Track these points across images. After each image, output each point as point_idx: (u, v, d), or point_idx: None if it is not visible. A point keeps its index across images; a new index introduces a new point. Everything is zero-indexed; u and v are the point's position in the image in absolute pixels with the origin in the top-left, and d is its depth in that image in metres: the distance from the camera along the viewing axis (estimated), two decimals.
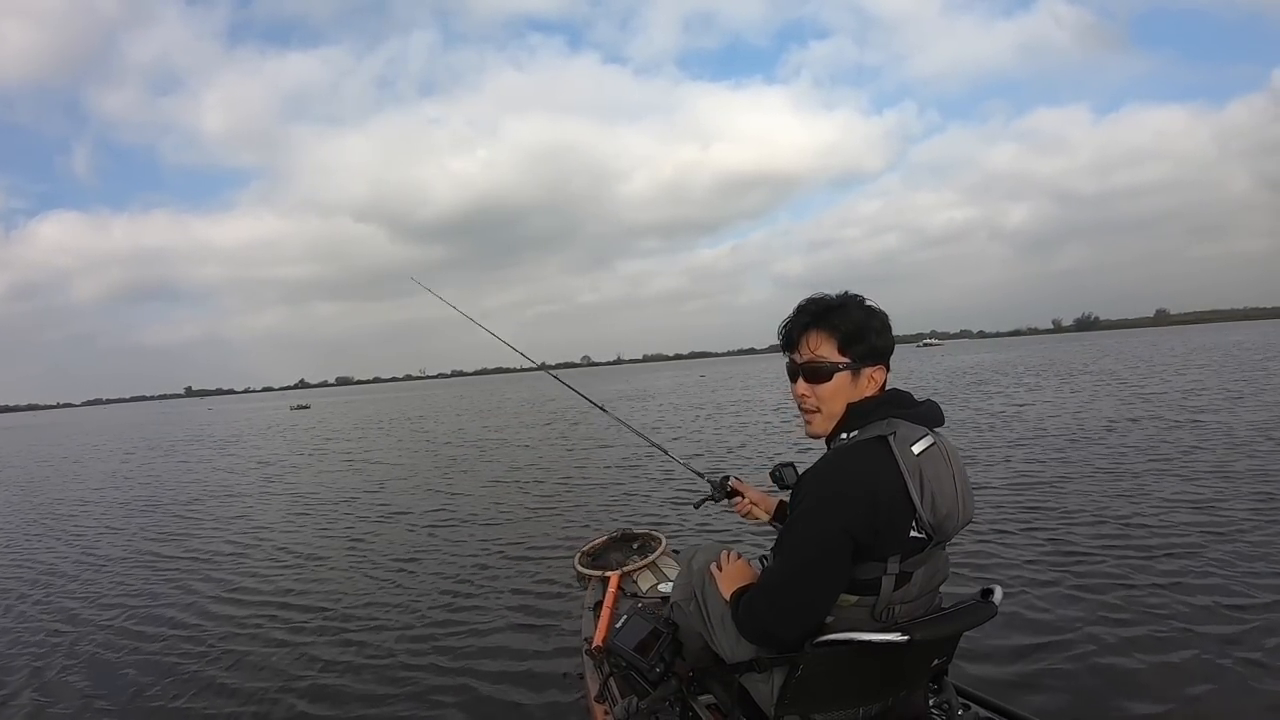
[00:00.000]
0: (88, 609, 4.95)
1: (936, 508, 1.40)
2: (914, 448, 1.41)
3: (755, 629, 1.52)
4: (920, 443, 1.43)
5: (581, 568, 3.11)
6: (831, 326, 1.53)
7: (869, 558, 1.42)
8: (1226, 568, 4.07)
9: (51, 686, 3.66)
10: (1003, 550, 4.74)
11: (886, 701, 1.58)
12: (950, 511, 1.42)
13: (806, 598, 1.43)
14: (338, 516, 7.81)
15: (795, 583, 1.44)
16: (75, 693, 3.57)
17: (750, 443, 11.69)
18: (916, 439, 1.43)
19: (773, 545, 1.58)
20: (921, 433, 1.45)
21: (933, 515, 1.40)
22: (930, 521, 1.41)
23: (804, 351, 1.56)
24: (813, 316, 1.56)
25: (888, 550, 1.42)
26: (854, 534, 1.39)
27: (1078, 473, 7.10)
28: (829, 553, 1.41)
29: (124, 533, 7.83)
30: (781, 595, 1.46)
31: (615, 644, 2.04)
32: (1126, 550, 4.55)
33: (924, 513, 1.40)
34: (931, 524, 1.41)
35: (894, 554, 1.42)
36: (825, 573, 1.42)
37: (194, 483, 11.84)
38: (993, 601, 1.55)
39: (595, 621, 2.51)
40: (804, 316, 1.58)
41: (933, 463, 1.42)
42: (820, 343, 1.54)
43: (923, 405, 1.54)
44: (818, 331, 1.55)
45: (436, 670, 3.50)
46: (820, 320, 1.55)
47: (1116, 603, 3.73)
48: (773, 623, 1.47)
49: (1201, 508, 5.39)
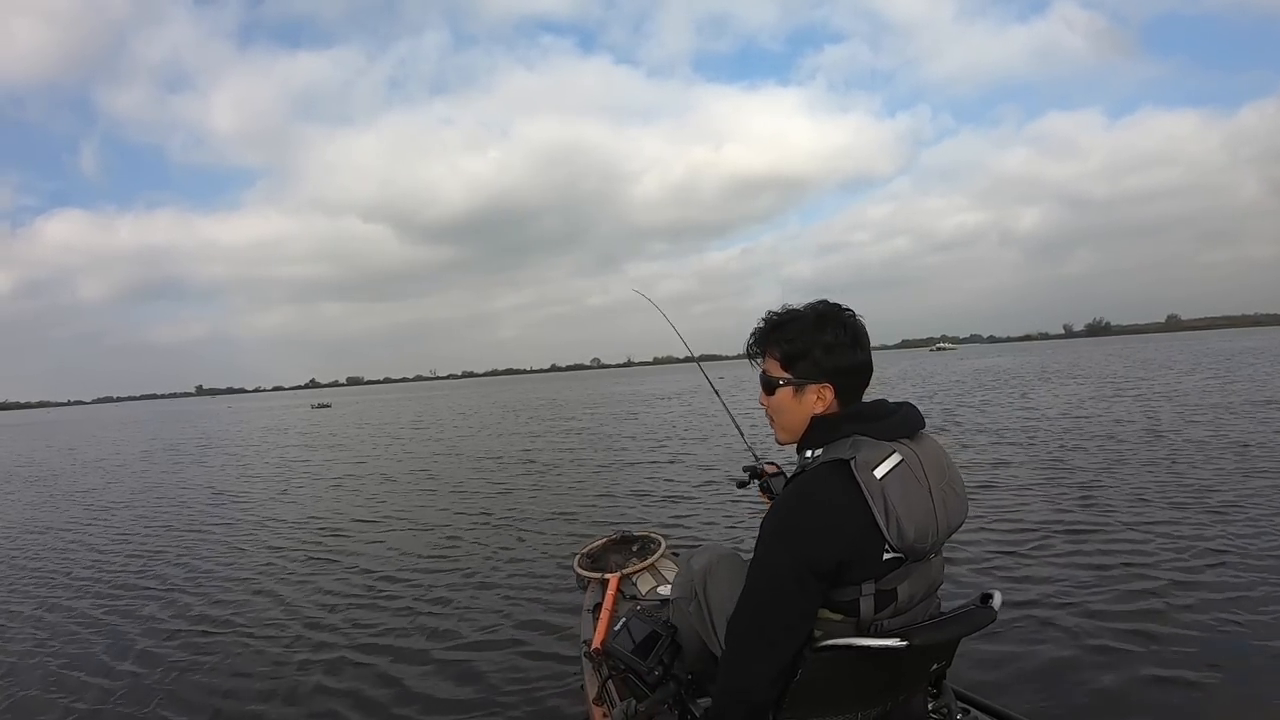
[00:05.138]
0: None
1: (904, 531, 1.34)
2: (877, 471, 1.36)
3: (729, 688, 1.45)
4: (885, 464, 1.37)
5: (580, 570, 3.09)
6: (774, 343, 1.56)
7: (841, 583, 1.38)
8: (1241, 574, 3.99)
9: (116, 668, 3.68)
10: (1003, 554, 4.71)
11: (886, 706, 1.55)
12: (924, 530, 1.37)
13: (766, 641, 1.39)
14: (354, 511, 7.85)
15: (753, 628, 1.41)
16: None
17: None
18: (880, 460, 1.37)
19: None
20: (887, 451, 1.39)
21: (899, 539, 1.35)
22: (897, 545, 1.36)
23: (760, 363, 1.61)
24: (764, 332, 1.59)
25: (859, 575, 1.38)
26: (811, 567, 1.35)
27: (1084, 474, 7.00)
28: (780, 593, 1.37)
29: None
30: (743, 644, 1.42)
31: (614, 646, 2.03)
32: (1132, 555, 4.51)
33: (890, 538, 1.35)
34: (899, 547, 1.36)
35: (867, 578, 1.38)
36: (780, 613, 1.38)
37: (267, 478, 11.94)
38: (992, 606, 1.52)
39: (594, 624, 2.49)
40: (762, 330, 1.60)
41: (900, 483, 1.36)
42: (768, 358, 1.58)
43: (895, 415, 1.49)
44: (768, 346, 1.58)
45: (433, 672, 3.48)
46: (768, 335, 1.58)
47: (1120, 607, 3.70)
48: (739, 677, 1.42)
49: (1217, 513, 5.29)
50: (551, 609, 4.22)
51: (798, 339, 1.52)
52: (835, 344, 1.50)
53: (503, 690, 3.23)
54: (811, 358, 1.50)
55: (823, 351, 1.49)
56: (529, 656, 3.57)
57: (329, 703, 3.24)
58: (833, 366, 1.50)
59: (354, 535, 6.73)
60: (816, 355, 1.50)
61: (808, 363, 1.51)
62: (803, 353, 1.51)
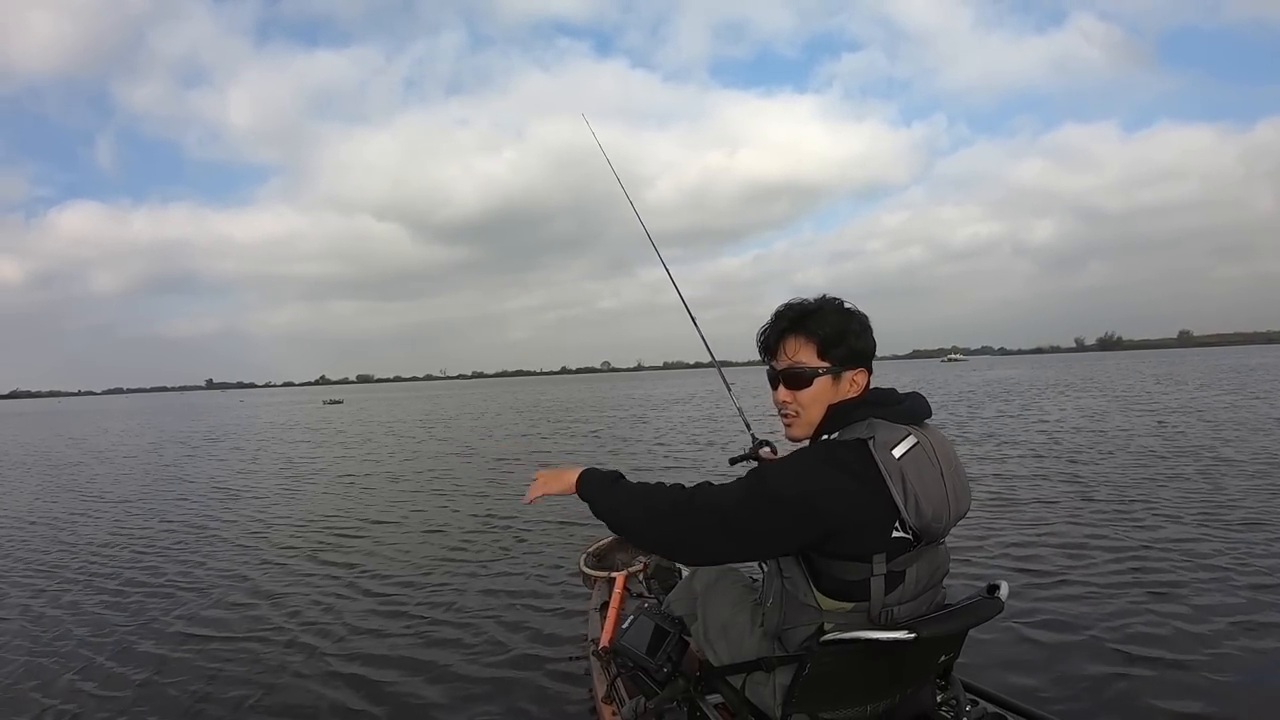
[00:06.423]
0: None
1: (921, 510, 1.37)
2: (895, 451, 1.38)
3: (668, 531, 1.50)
4: (902, 445, 1.39)
5: (587, 569, 3.10)
6: (809, 331, 1.53)
7: (849, 556, 1.39)
8: (1247, 572, 3.95)
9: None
10: (1011, 544, 4.76)
11: (894, 699, 1.56)
12: (937, 512, 1.39)
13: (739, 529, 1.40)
14: (343, 510, 7.89)
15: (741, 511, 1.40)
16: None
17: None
18: (898, 441, 1.39)
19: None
20: (903, 434, 1.41)
21: (917, 518, 1.37)
22: (915, 524, 1.38)
23: (783, 358, 1.56)
24: (790, 322, 1.55)
25: (870, 549, 1.39)
26: (812, 504, 1.36)
27: (1097, 482, 6.90)
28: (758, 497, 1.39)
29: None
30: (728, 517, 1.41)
31: (622, 644, 2.03)
32: (1142, 548, 4.57)
33: (908, 516, 1.36)
34: (916, 526, 1.38)
35: (878, 554, 1.39)
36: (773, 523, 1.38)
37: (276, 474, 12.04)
38: (999, 597, 1.53)
39: (602, 622, 2.50)
40: (781, 322, 1.57)
41: (915, 464, 1.38)
42: (799, 348, 1.54)
43: (906, 401, 1.52)
44: (796, 337, 1.54)
45: (441, 671, 3.47)
46: (798, 325, 1.54)
47: (1129, 600, 3.75)
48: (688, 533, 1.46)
49: (1236, 525, 5.23)
50: (559, 608, 4.22)
51: (834, 325, 1.52)
52: (862, 329, 1.53)
53: (511, 689, 3.23)
54: (847, 343, 1.51)
55: (855, 336, 1.52)
56: (537, 655, 3.57)
57: (331, 704, 3.20)
58: (863, 349, 1.53)
59: (360, 535, 6.72)
60: (850, 340, 1.52)
61: (844, 349, 1.51)
62: (839, 339, 1.51)
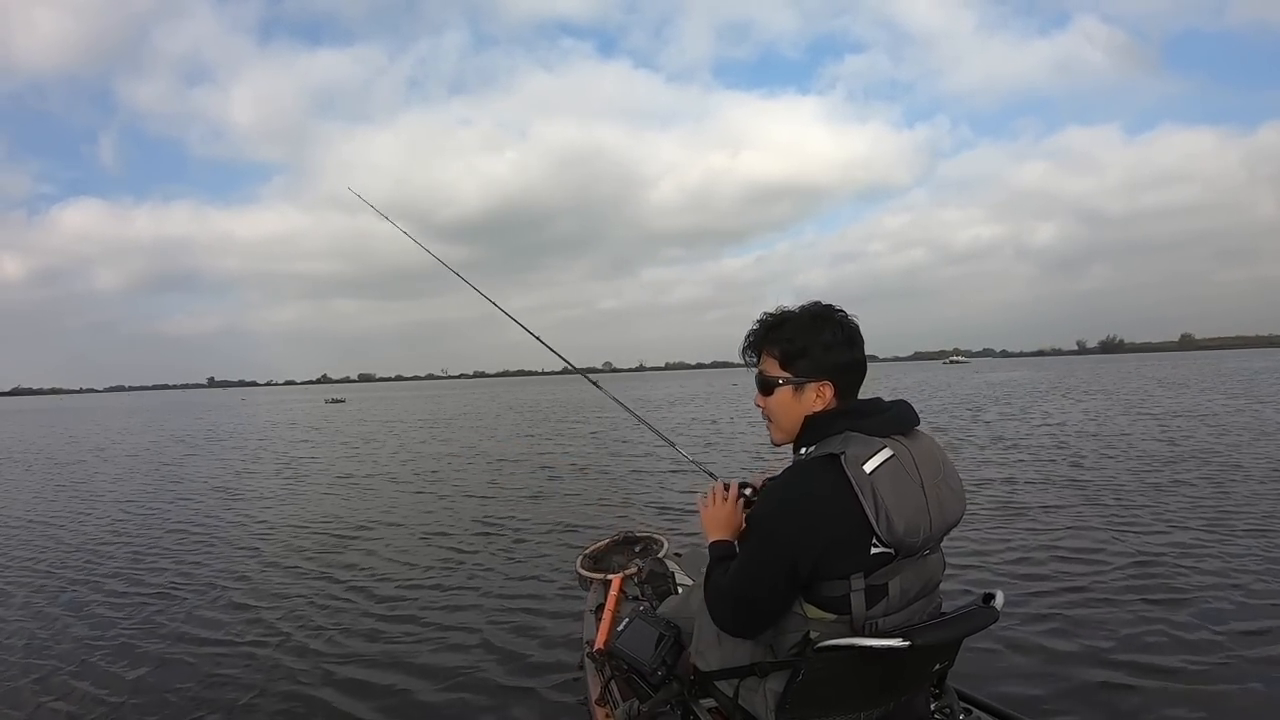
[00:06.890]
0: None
1: (893, 525, 1.36)
2: (867, 466, 1.38)
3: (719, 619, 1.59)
4: (875, 459, 1.39)
5: (583, 570, 3.08)
6: (772, 343, 1.58)
7: (828, 575, 1.40)
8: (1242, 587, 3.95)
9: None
10: (1012, 550, 4.77)
11: (888, 706, 1.56)
12: (912, 525, 1.38)
13: (751, 596, 1.48)
14: (341, 510, 7.88)
15: (744, 585, 1.49)
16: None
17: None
18: (870, 455, 1.39)
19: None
20: (877, 447, 1.41)
21: (889, 532, 1.36)
22: (887, 539, 1.37)
23: (760, 365, 1.62)
24: (760, 333, 1.62)
25: (845, 568, 1.39)
26: (795, 551, 1.39)
27: (1099, 485, 6.94)
28: (759, 582, 1.45)
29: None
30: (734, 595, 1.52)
31: (617, 647, 2.02)
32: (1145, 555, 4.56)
33: (880, 531, 1.36)
34: (889, 541, 1.37)
35: (855, 571, 1.39)
36: (765, 579, 1.44)
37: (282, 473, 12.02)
38: (994, 606, 1.53)
39: (597, 624, 2.49)
40: (758, 331, 1.62)
41: (890, 478, 1.38)
42: (766, 358, 1.60)
43: (890, 410, 1.51)
44: (765, 347, 1.60)
45: (436, 672, 3.47)
46: (765, 336, 1.60)
47: (1130, 607, 3.74)
48: (727, 623, 1.57)
49: (1238, 531, 5.22)
50: (554, 610, 4.21)
51: (796, 338, 1.54)
52: (833, 342, 1.53)
53: (506, 691, 3.23)
54: (810, 356, 1.53)
55: (821, 350, 1.52)
56: (532, 657, 3.56)
57: (327, 704, 3.18)
58: (831, 364, 1.53)
59: (359, 535, 6.70)
60: (815, 353, 1.52)
61: (807, 361, 1.53)
62: (802, 351, 1.54)
